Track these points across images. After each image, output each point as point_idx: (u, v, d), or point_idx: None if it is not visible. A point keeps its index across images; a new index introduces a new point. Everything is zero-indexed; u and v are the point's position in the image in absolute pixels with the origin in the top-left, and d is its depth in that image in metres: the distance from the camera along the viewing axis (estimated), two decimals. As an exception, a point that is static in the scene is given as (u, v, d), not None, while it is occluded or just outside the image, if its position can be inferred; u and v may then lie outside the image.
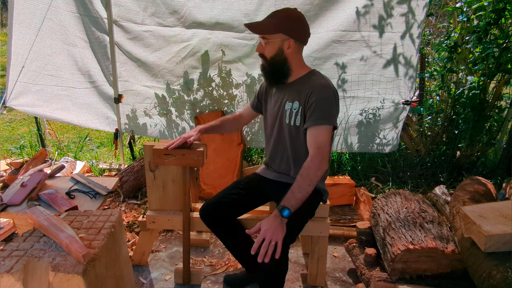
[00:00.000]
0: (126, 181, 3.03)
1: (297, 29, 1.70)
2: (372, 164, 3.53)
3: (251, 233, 1.54)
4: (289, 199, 1.55)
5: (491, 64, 3.08)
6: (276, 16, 1.70)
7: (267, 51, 1.73)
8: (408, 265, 1.80)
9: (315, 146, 1.62)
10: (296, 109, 1.73)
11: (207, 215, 1.85)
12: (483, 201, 2.20)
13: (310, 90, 1.68)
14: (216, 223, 1.86)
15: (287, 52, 1.71)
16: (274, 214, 1.53)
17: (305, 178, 1.58)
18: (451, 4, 3.37)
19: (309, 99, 1.68)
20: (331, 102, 1.68)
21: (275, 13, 1.71)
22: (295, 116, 1.74)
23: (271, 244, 1.46)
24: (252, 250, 1.47)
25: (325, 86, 1.70)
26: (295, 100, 1.74)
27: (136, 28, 3.06)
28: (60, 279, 1.22)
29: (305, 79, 1.76)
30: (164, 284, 2.12)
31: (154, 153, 1.86)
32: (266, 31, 1.70)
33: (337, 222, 2.73)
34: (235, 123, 2.12)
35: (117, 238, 1.53)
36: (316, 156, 1.60)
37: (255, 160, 3.65)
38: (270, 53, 1.72)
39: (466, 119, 3.22)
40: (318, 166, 1.59)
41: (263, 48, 1.74)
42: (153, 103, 3.33)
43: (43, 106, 3.27)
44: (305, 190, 1.57)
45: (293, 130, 1.77)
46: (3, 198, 1.94)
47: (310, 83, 1.71)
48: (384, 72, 3.03)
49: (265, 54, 1.74)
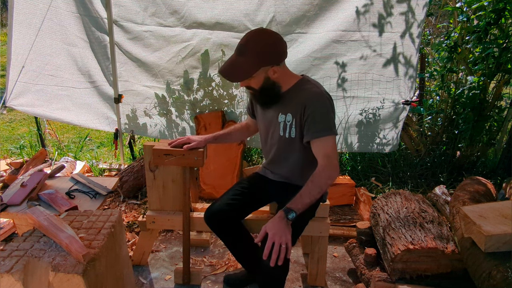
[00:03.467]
0: (126, 181, 3.03)
1: (275, 54, 1.62)
2: (372, 164, 3.53)
3: (259, 241, 1.52)
4: (296, 203, 1.54)
5: (491, 64, 3.08)
6: (249, 52, 1.57)
7: (254, 84, 1.66)
8: (408, 265, 1.80)
9: (325, 157, 1.61)
10: (289, 121, 1.71)
11: (212, 219, 1.85)
12: (483, 201, 2.20)
13: (304, 102, 1.65)
14: (221, 227, 1.86)
15: (274, 77, 1.65)
16: (279, 216, 1.51)
17: (316, 185, 1.58)
18: (451, 4, 3.36)
19: (305, 111, 1.64)
20: (328, 110, 1.66)
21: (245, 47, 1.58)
22: (289, 129, 1.72)
23: (282, 248, 1.45)
24: (263, 256, 1.46)
25: (319, 94, 1.66)
26: (288, 113, 1.71)
27: (136, 28, 3.06)
28: (60, 279, 1.22)
29: (295, 89, 1.72)
30: (164, 284, 2.12)
31: (154, 153, 1.87)
32: (248, 74, 1.61)
33: (337, 222, 2.73)
34: (243, 133, 2.09)
35: (117, 238, 1.53)
36: (327, 166, 1.59)
37: (255, 160, 3.65)
38: (258, 85, 1.66)
39: (466, 119, 3.22)
40: (329, 175, 1.60)
41: (248, 82, 1.66)
42: (153, 103, 3.32)
43: (43, 106, 3.27)
44: (314, 196, 1.57)
45: (288, 142, 1.75)
46: (3, 198, 1.94)
47: (303, 94, 1.67)
48: (384, 71, 3.03)
49: (252, 86, 1.67)
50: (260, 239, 1.52)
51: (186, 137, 1.90)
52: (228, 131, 2.04)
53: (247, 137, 2.15)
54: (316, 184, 1.58)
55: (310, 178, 1.59)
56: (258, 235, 1.52)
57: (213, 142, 1.97)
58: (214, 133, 1.99)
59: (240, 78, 1.64)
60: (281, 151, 1.81)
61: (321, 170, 1.60)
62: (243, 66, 1.59)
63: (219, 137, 1.99)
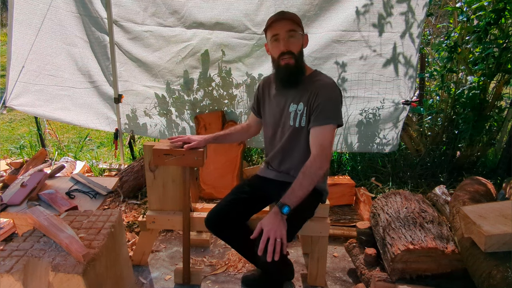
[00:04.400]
0: (126, 181, 3.03)
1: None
2: (372, 164, 3.53)
3: (254, 237, 1.54)
4: (289, 196, 1.56)
5: (491, 64, 3.07)
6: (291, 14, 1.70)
7: (295, 46, 1.68)
8: (408, 265, 1.80)
9: (318, 146, 1.64)
10: (301, 110, 1.73)
11: (213, 224, 1.85)
12: (483, 201, 2.20)
13: (316, 91, 1.68)
14: (222, 231, 1.86)
15: (303, 49, 1.72)
16: (274, 211, 1.53)
17: (306, 176, 1.60)
18: (451, 4, 3.36)
19: (315, 100, 1.67)
20: (338, 101, 1.70)
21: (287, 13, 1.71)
22: (300, 118, 1.74)
23: (277, 242, 1.46)
24: (259, 251, 1.48)
25: (331, 85, 1.70)
26: (300, 102, 1.73)
27: (136, 28, 3.06)
28: (60, 279, 1.22)
29: (309, 79, 1.75)
30: (164, 284, 2.12)
31: (154, 153, 1.87)
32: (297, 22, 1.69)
33: (337, 222, 2.73)
34: (244, 134, 2.09)
35: (117, 238, 1.53)
36: (318, 156, 1.62)
37: (255, 160, 3.65)
38: (297, 48, 1.69)
39: (466, 119, 3.22)
40: (320, 165, 1.61)
41: (288, 44, 1.67)
42: (153, 103, 3.33)
43: (43, 106, 3.27)
44: (306, 188, 1.59)
45: (296, 132, 1.77)
46: (3, 198, 1.94)
47: (315, 84, 1.71)
48: (384, 71, 3.03)
49: (293, 50, 1.68)
50: (255, 235, 1.53)
51: (187, 136, 1.91)
52: (229, 132, 2.04)
53: (247, 138, 2.15)
54: (307, 175, 1.60)
55: (301, 170, 1.62)
56: (254, 231, 1.54)
57: (213, 142, 1.98)
58: (214, 134, 2.00)
59: (294, 20, 1.68)
60: (289, 141, 1.82)
61: (312, 161, 1.63)
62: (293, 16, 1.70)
63: (219, 138, 2.00)
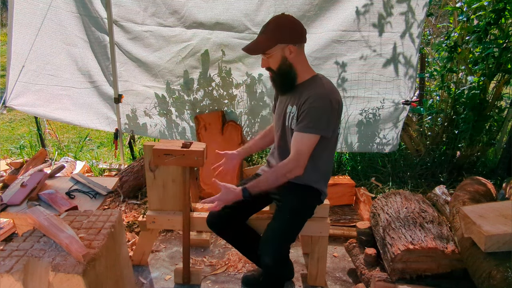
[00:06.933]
0: (126, 181, 3.03)
1: (291, 33, 1.71)
2: (372, 164, 3.53)
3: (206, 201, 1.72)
4: (253, 186, 1.69)
5: (491, 64, 3.07)
6: (268, 30, 1.71)
7: (272, 64, 1.75)
8: (408, 265, 1.80)
9: (295, 151, 1.68)
10: (293, 113, 1.77)
11: (214, 224, 1.88)
12: (483, 201, 2.20)
13: (306, 97, 1.70)
14: (224, 231, 1.90)
15: (290, 58, 1.72)
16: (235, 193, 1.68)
17: (274, 174, 1.69)
18: (451, 4, 3.36)
19: (303, 106, 1.70)
20: (324, 112, 1.68)
21: (266, 27, 1.73)
22: (291, 120, 1.78)
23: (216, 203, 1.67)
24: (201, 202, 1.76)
25: (322, 95, 1.69)
26: (294, 105, 1.77)
27: (136, 28, 3.06)
28: (60, 279, 1.22)
29: (307, 84, 1.77)
30: (164, 284, 2.12)
31: (154, 153, 1.87)
32: (264, 48, 1.72)
33: (337, 222, 2.73)
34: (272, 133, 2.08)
35: (117, 238, 1.53)
36: (293, 160, 1.67)
37: (255, 160, 3.65)
38: (275, 65, 1.75)
39: (466, 119, 3.22)
40: (291, 169, 1.67)
41: (268, 62, 1.76)
42: (153, 103, 3.32)
43: (43, 106, 3.27)
44: (270, 185, 1.68)
45: (289, 132, 1.81)
46: (3, 198, 1.94)
47: (308, 91, 1.72)
48: (384, 71, 3.03)
49: (271, 67, 1.77)
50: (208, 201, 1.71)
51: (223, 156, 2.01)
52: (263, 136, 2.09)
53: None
54: (275, 174, 1.69)
55: (275, 166, 1.70)
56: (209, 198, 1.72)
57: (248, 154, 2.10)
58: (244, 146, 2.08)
59: (258, 51, 1.75)
60: (285, 141, 1.86)
61: (285, 162, 1.69)
62: (262, 42, 1.72)
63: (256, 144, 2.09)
